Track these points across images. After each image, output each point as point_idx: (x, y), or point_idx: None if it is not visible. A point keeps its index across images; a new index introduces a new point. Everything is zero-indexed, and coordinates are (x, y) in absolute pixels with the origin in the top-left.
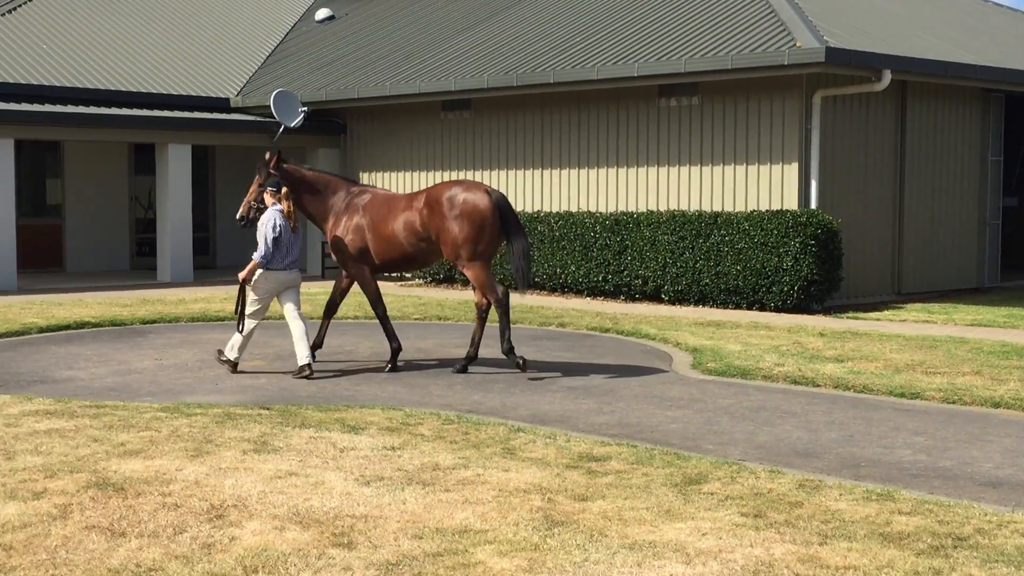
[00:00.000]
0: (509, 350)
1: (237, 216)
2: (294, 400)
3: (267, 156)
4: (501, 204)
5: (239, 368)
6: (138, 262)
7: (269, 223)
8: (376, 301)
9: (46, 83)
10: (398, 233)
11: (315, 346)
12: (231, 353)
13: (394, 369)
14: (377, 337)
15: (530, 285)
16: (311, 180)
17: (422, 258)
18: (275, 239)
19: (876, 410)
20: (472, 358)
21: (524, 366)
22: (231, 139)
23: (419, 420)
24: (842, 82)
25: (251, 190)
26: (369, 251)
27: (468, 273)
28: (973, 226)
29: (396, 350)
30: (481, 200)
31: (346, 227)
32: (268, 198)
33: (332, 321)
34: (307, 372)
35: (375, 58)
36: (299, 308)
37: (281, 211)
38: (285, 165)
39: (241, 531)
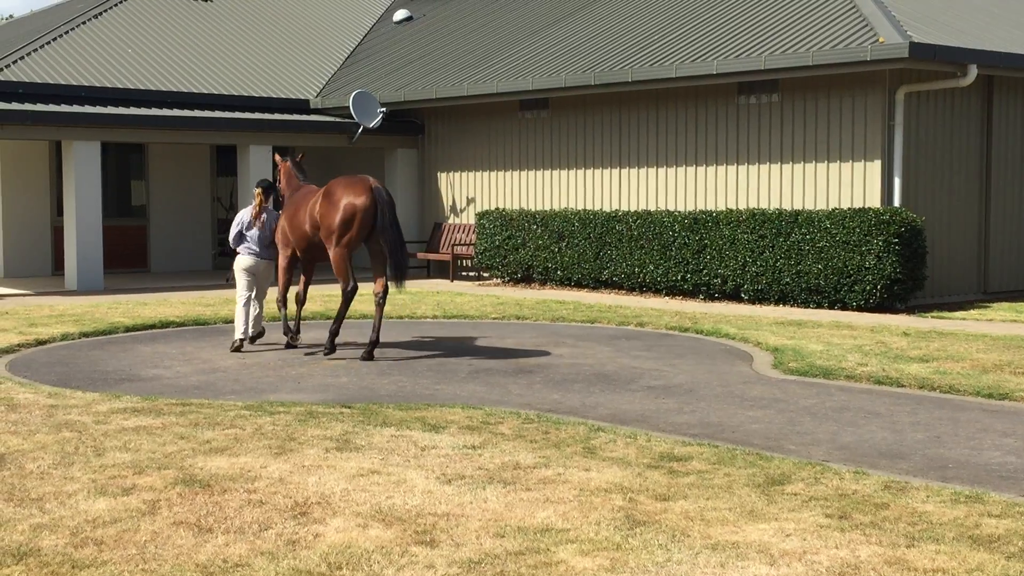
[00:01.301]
0: (295, 334)
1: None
2: (375, 399)
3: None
4: (378, 199)
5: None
6: (220, 262)
7: (236, 217)
8: (284, 289)
9: (131, 86)
10: (304, 223)
11: (292, 333)
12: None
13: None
14: (456, 336)
15: (403, 278)
16: (283, 182)
17: (324, 246)
18: (238, 232)
19: (963, 411)
20: (374, 343)
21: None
22: (311, 140)
23: (499, 419)
24: (926, 78)
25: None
26: (291, 241)
27: (331, 256)
28: None
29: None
30: (358, 194)
31: (281, 221)
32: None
33: (412, 320)
34: (236, 345)
35: (452, 58)
36: (254, 292)
37: (250, 208)
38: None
39: (325, 528)
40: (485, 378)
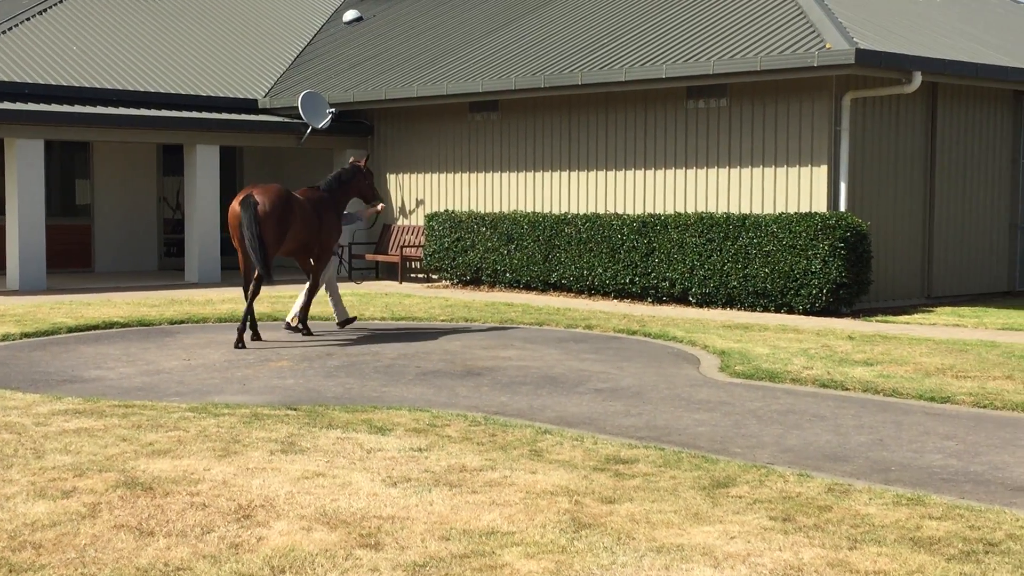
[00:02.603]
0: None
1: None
2: (321, 401)
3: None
4: (241, 206)
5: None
6: (166, 263)
7: None
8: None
9: (76, 84)
10: None
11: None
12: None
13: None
14: (404, 338)
15: (264, 268)
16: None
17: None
18: None
19: (906, 414)
20: (240, 330)
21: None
22: (259, 140)
23: (446, 421)
24: (872, 84)
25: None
26: None
27: None
28: (1004, 229)
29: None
30: (233, 205)
31: None
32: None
33: (360, 321)
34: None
35: (403, 59)
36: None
37: None
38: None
39: (269, 531)
40: (432, 380)
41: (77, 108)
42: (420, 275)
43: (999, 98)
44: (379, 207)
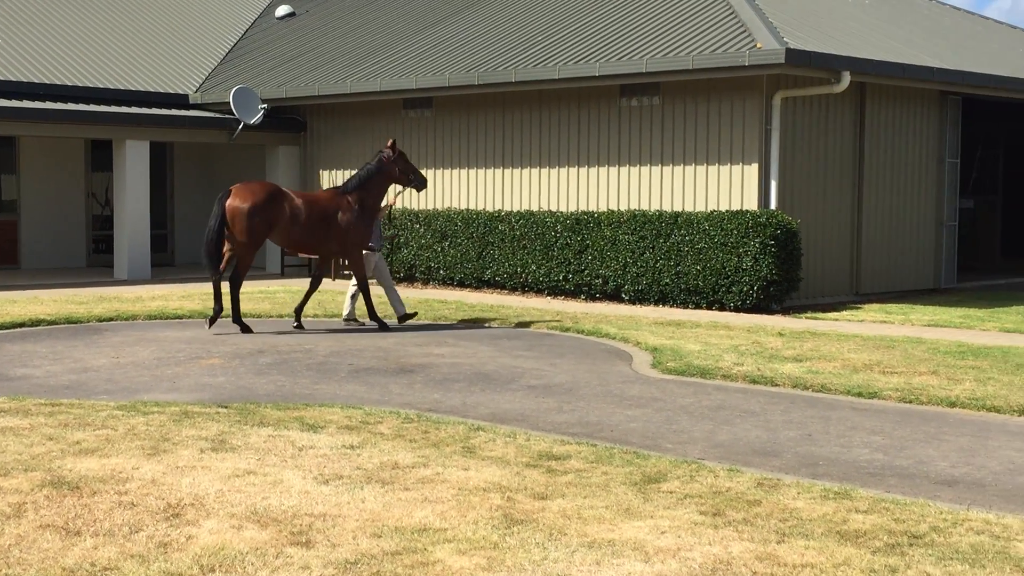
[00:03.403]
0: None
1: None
2: (252, 398)
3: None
4: (216, 201)
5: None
6: (95, 259)
7: None
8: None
9: (1, 78)
10: None
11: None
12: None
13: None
14: (337, 335)
15: (212, 265)
16: None
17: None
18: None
19: (834, 409)
20: (216, 311)
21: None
22: (189, 136)
23: (379, 419)
24: (802, 83)
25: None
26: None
27: None
28: (930, 227)
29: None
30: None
31: None
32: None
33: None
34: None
35: (336, 55)
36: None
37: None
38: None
39: (198, 530)
40: (365, 378)
41: (3, 102)
42: (348, 272)
43: (926, 98)
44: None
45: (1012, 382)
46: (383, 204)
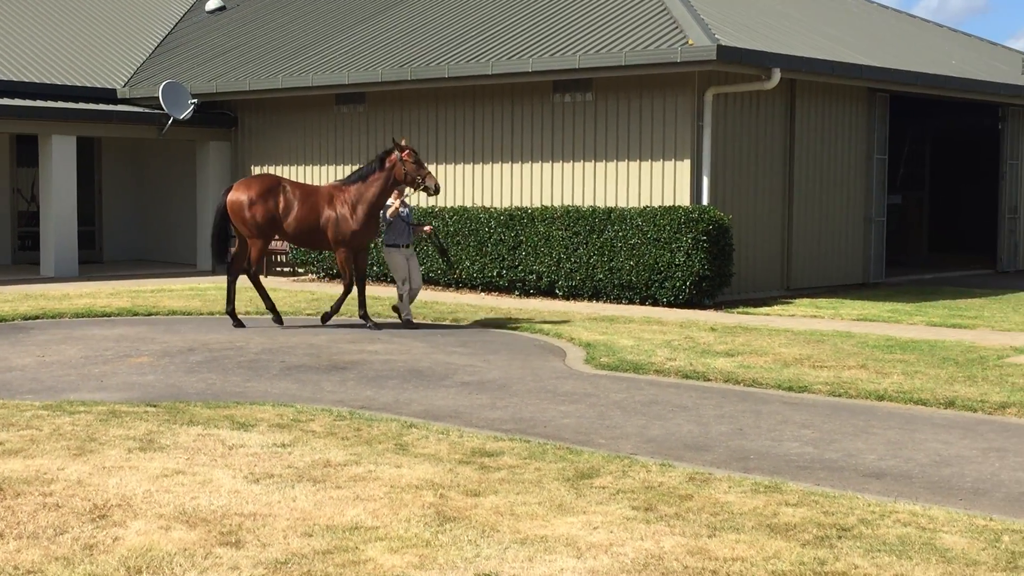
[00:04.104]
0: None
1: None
2: (182, 397)
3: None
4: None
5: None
6: (20, 256)
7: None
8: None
9: None
10: None
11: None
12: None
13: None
14: (269, 333)
15: (216, 260)
16: None
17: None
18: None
19: (765, 403)
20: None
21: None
22: (117, 131)
23: (310, 416)
24: (733, 80)
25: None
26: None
27: None
28: (859, 223)
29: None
30: None
31: None
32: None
33: (224, 316)
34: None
35: (267, 50)
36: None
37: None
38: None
39: (125, 531)
40: (297, 375)
41: None
42: (286, 269)
43: (855, 95)
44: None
45: (938, 375)
46: (390, 203)
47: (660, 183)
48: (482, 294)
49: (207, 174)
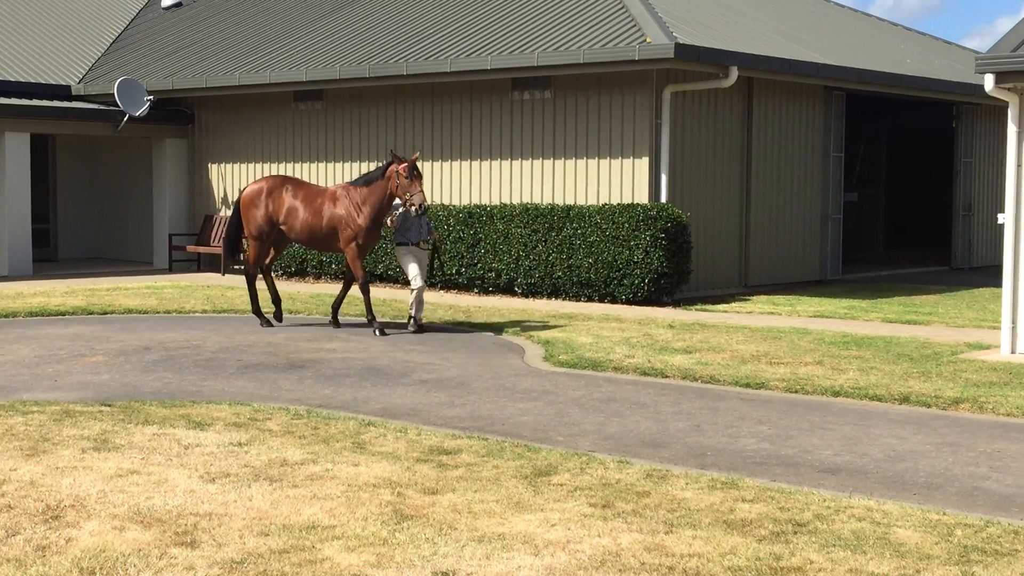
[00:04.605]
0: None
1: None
2: (137, 396)
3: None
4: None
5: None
6: None
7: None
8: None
9: None
10: None
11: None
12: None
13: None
14: (226, 331)
15: (227, 258)
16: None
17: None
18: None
19: (722, 400)
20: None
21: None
22: (73, 128)
23: (267, 415)
24: (691, 78)
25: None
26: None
27: None
28: (816, 220)
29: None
30: None
31: None
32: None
33: (181, 315)
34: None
35: (224, 46)
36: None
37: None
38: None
39: (78, 532)
40: (254, 374)
41: None
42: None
43: (811, 93)
44: (392, 219)
45: (893, 371)
46: (388, 216)
47: (619, 181)
48: (441, 292)
49: (163, 172)
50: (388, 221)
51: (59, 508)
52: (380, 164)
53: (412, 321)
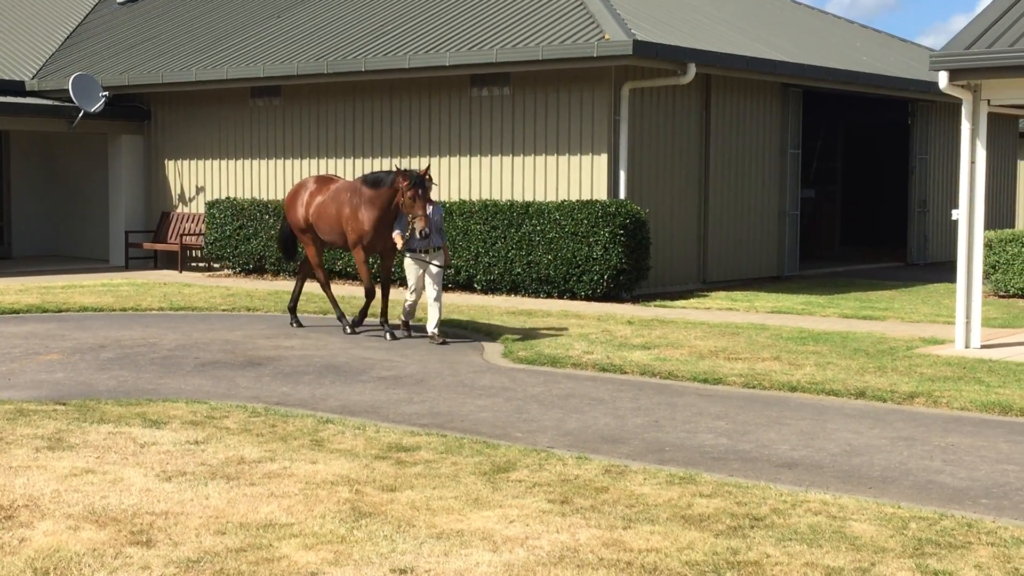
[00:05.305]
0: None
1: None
2: (92, 395)
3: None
4: None
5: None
6: None
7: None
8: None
9: None
10: None
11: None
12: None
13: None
14: (183, 329)
15: (284, 259)
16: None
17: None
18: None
19: (681, 396)
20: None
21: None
22: (26, 124)
23: (225, 413)
24: (649, 75)
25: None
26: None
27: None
28: (774, 217)
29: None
30: None
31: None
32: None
33: (137, 313)
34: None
35: (181, 42)
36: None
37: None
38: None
39: (32, 532)
40: (212, 371)
41: None
42: (201, 264)
43: (769, 90)
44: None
45: (850, 366)
46: (399, 231)
47: (578, 177)
48: (400, 288)
49: (119, 168)
50: (397, 237)
51: (12, 508)
52: (387, 169)
53: (404, 324)
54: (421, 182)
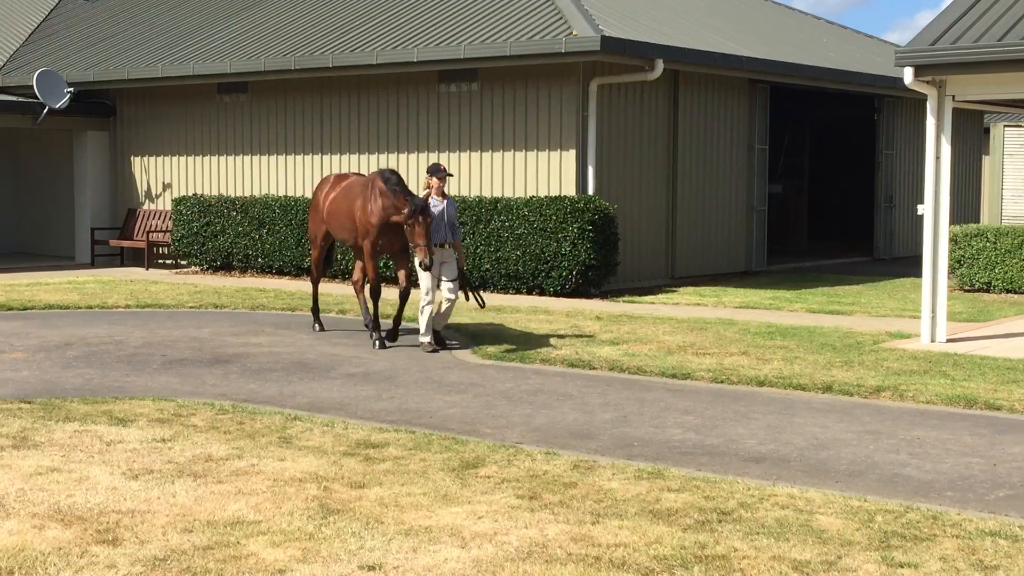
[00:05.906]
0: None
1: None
2: (58, 393)
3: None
4: None
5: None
6: None
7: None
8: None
9: None
10: None
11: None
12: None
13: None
14: (150, 326)
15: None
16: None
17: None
18: None
19: (649, 391)
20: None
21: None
22: None
23: (192, 411)
24: (617, 71)
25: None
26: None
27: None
28: (741, 212)
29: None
30: None
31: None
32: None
33: (104, 310)
34: (427, 349)
35: (147, 38)
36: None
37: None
38: None
39: None
40: (179, 369)
41: None
42: (168, 261)
43: (736, 86)
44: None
45: (817, 361)
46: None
47: (546, 173)
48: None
49: (85, 165)
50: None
51: None
52: (391, 170)
53: (434, 338)
54: (423, 211)
